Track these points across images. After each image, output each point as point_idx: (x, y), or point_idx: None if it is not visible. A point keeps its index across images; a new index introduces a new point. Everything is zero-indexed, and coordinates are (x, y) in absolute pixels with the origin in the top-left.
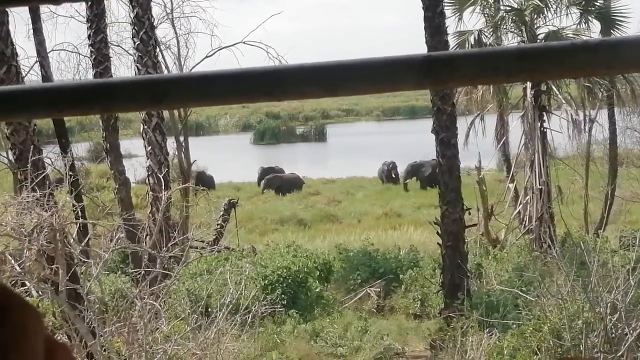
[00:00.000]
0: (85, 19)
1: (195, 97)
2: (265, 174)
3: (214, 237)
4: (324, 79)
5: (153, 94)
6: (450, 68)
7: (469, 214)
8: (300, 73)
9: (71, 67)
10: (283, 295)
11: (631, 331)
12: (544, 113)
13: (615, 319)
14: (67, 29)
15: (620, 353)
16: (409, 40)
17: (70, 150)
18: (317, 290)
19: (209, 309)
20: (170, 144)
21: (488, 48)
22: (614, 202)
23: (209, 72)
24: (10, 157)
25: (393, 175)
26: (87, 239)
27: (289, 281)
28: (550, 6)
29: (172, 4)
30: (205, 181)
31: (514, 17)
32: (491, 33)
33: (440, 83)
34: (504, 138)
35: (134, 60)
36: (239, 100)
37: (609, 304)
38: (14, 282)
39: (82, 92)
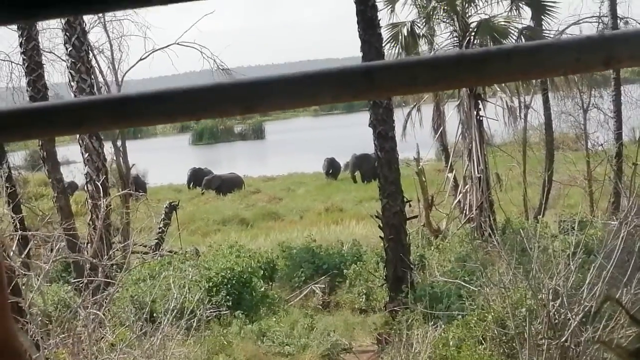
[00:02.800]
0: (16, 27)
1: (115, 119)
2: (195, 175)
3: (156, 241)
4: (242, 97)
5: (71, 119)
6: (368, 80)
7: (410, 205)
8: (219, 91)
9: (3, 76)
10: (228, 297)
11: (574, 316)
12: (480, 101)
13: (557, 304)
14: None
15: (564, 338)
16: (344, 34)
17: (7, 160)
18: (261, 289)
19: (154, 315)
20: (108, 148)
21: (405, 58)
22: (552, 187)
23: (129, 94)
24: None
25: (331, 172)
26: (27, 249)
27: (233, 282)
28: None
29: None
30: (138, 185)
31: (445, 7)
32: (424, 24)
33: (358, 96)
34: (441, 128)
35: (67, 67)
36: (160, 121)
37: (551, 290)
38: None
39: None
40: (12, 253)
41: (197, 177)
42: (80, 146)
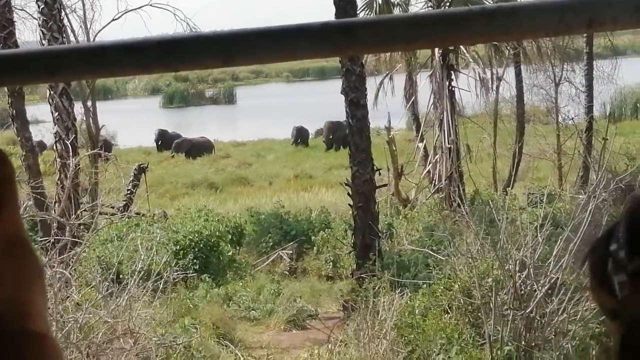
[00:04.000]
0: None
1: (90, 68)
2: (161, 137)
3: (124, 202)
4: (221, 49)
5: (46, 66)
6: (348, 36)
7: (380, 174)
8: (197, 43)
9: None
10: (195, 260)
11: (540, 287)
12: (452, 72)
13: (524, 275)
14: None
15: (529, 309)
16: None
17: None
18: (229, 254)
19: (120, 276)
20: (78, 109)
21: (386, 15)
22: (521, 160)
23: (103, 42)
24: None
25: (299, 140)
26: None
27: (201, 246)
28: None
29: None
30: (107, 147)
31: None
32: None
33: (338, 51)
34: (413, 97)
35: (39, 25)
36: (135, 72)
37: (517, 261)
38: None
39: None
40: None
41: (164, 139)
42: (50, 105)
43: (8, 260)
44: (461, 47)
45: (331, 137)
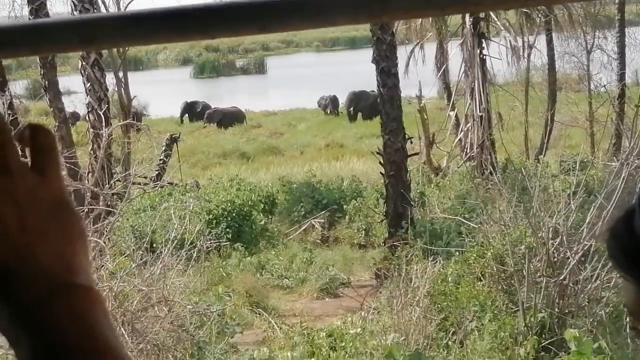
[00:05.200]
0: None
1: (126, 36)
2: (188, 108)
3: (157, 172)
4: (257, 16)
5: (82, 35)
6: (383, 2)
7: (411, 142)
8: (234, 10)
9: (6, 3)
10: (228, 229)
11: (573, 255)
12: (483, 40)
13: (557, 243)
14: None
15: (562, 277)
16: None
17: (8, 89)
18: (261, 223)
19: (154, 245)
20: (110, 79)
21: None
22: (553, 127)
23: (140, 10)
24: None
25: (329, 111)
26: None
27: (234, 215)
28: None
29: None
30: (138, 118)
31: None
32: None
33: (374, 17)
34: (444, 66)
35: None
36: (171, 39)
37: (550, 229)
38: None
39: (8, 34)
40: None
41: (192, 110)
42: (82, 76)
43: (54, 220)
44: (492, 15)
45: (353, 108)
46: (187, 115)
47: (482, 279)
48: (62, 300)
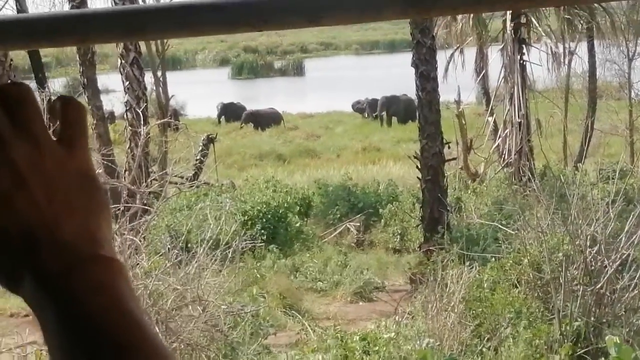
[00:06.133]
0: None
1: (174, 27)
2: (225, 109)
3: (193, 172)
4: (307, 8)
5: (130, 25)
6: None
7: (449, 147)
8: (282, 2)
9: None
10: (263, 231)
11: (610, 263)
12: (524, 46)
13: (594, 251)
14: None
15: (599, 285)
16: None
17: (48, 86)
18: (296, 225)
19: (189, 245)
20: (148, 78)
21: None
22: (593, 135)
23: (188, 2)
24: None
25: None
26: None
27: (269, 216)
28: None
29: None
30: (176, 118)
31: None
32: None
33: (424, 12)
34: (484, 71)
35: None
36: (220, 31)
37: (588, 237)
38: None
39: (58, 23)
40: None
41: (229, 112)
42: (121, 74)
43: (80, 193)
44: (533, 20)
45: (384, 112)
46: (223, 116)
47: (518, 285)
48: (88, 270)
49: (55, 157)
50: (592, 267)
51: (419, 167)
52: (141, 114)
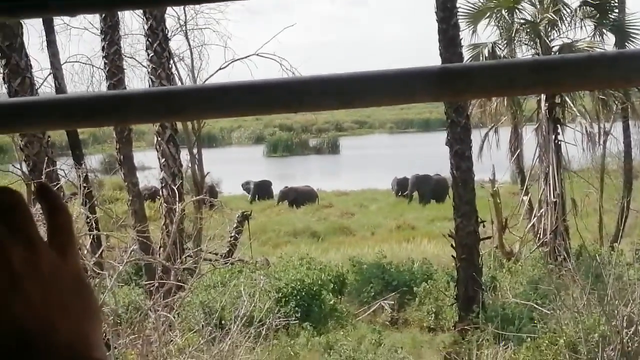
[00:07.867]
0: (99, 31)
1: (212, 108)
2: (257, 188)
3: (228, 249)
4: (340, 91)
5: (169, 106)
6: (467, 80)
7: (484, 226)
8: (316, 85)
9: (85, 79)
10: (297, 308)
11: None
12: (559, 125)
13: (631, 332)
14: (80, 41)
15: None
16: (424, 52)
17: (84, 162)
18: (330, 302)
19: (223, 321)
20: (184, 156)
21: (504, 60)
22: (629, 215)
23: (225, 83)
24: (25, 168)
25: (400, 193)
26: (100, 250)
27: (303, 294)
28: (564, 19)
29: (185, 16)
30: (212, 194)
31: (528, 30)
32: (505, 45)
33: (457, 95)
34: (518, 150)
35: (148, 72)
36: (255, 112)
37: (625, 317)
38: None
39: (98, 104)
40: (86, 252)
41: (261, 189)
42: (157, 151)
43: (75, 296)
44: (568, 100)
45: (415, 191)
46: (257, 194)
47: None
48: None
49: (49, 260)
50: (629, 349)
51: (454, 245)
52: (177, 191)
